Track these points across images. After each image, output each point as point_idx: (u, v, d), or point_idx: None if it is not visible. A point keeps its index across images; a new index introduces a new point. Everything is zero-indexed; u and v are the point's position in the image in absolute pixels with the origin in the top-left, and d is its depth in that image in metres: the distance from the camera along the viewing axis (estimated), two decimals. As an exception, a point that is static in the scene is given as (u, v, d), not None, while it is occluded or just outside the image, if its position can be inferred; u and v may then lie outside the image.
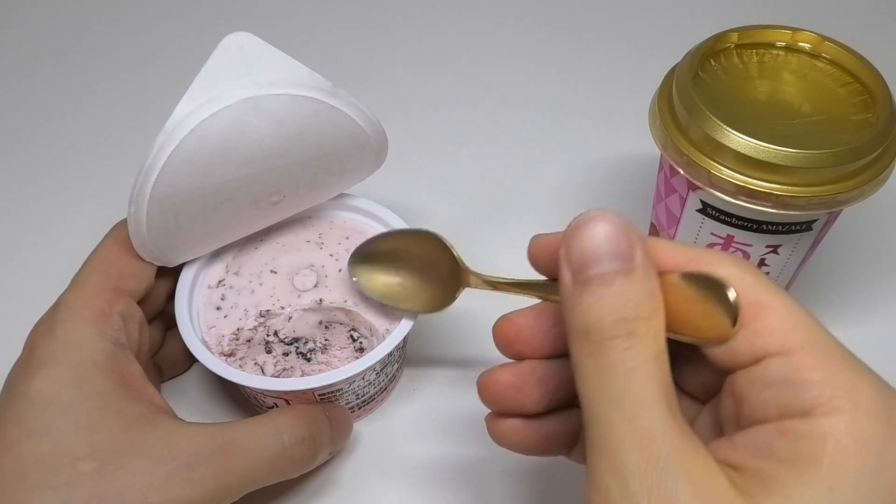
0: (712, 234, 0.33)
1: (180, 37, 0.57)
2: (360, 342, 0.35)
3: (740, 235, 0.32)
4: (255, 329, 0.34)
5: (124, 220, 0.33)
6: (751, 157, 0.29)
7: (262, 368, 0.33)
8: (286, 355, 0.34)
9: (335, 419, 0.32)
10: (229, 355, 0.33)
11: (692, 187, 0.32)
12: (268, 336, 0.34)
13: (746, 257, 0.33)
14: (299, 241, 0.36)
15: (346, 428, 0.34)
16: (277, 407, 0.34)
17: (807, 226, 0.32)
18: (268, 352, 0.34)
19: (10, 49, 0.56)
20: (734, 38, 0.33)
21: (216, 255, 0.35)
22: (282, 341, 0.34)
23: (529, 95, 0.54)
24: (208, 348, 0.32)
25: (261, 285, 0.35)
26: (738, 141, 0.29)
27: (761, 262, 0.33)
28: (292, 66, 0.30)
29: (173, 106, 0.29)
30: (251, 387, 0.31)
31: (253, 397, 0.34)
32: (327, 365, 0.35)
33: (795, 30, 0.33)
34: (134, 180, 0.29)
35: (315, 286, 0.34)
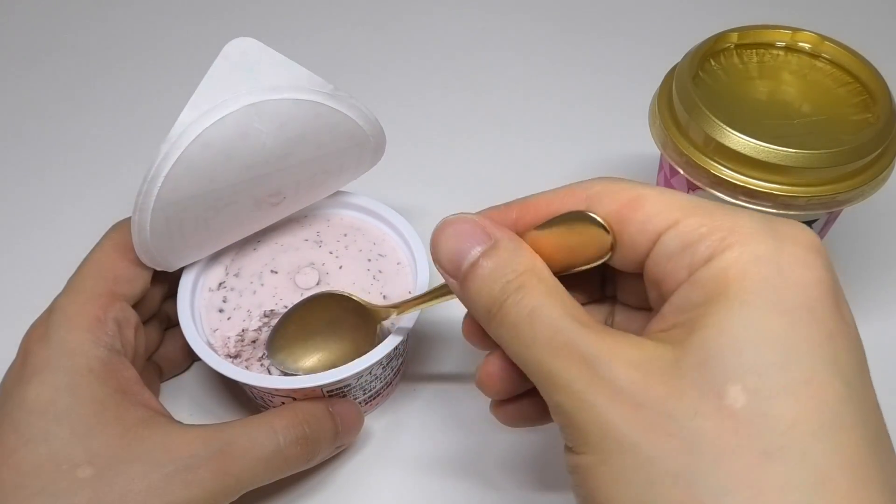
0: (712, 234, 0.33)
1: (182, 36, 0.57)
2: None
3: (740, 235, 0.32)
4: (259, 329, 0.34)
5: (121, 222, 0.33)
6: (751, 157, 0.29)
7: (269, 369, 0.33)
8: None
9: (342, 414, 0.33)
10: (235, 357, 0.33)
11: (692, 187, 0.32)
12: None
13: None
14: (297, 241, 0.36)
15: (355, 423, 0.34)
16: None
17: (807, 226, 0.32)
18: None
19: (11, 49, 0.56)
20: (734, 38, 0.33)
21: (214, 258, 0.35)
22: None
23: (529, 95, 0.54)
24: (214, 351, 0.32)
25: (262, 286, 0.35)
26: (738, 141, 0.29)
27: (761, 262, 0.33)
28: (293, 70, 0.30)
29: (174, 107, 0.29)
30: (260, 387, 0.31)
31: (260, 398, 0.34)
32: None
33: (795, 30, 0.33)
34: (138, 188, 0.29)
35: (318, 284, 0.35)
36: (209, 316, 0.34)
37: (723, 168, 0.29)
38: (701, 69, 0.32)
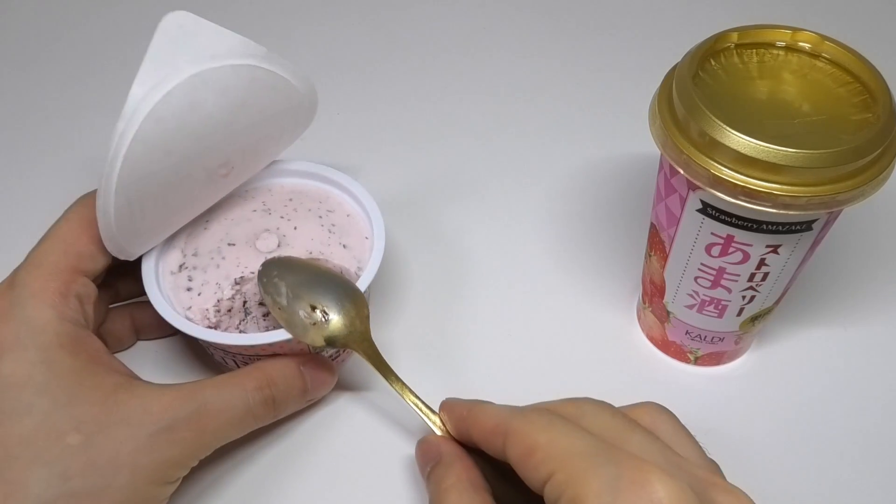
0: (712, 233, 0.33)
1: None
2: None
3: (740, 235, 0.32)
4: (233, 298, 0.35)
5: (85, 196, 0.34)
6: (751, 156, 0.29)
7: (246, 333, 0.35)
8: (265, 316, 0.35)
9: (313, 373, 0.35)
10: (215, 327, 0.34)
11: (692, 187, 0.32)
12: (245, 301, 0.35)
13: (747, 257, 0.33)
14: (247, 212, 0.38)
15: (325, 381, 0.36)
16: None
17: (807, 226, 0.32)
18: (247, 314, 0.35)
19: None
20: (734, 37, 0.33)
21: (168, 242, 0.37)
22: (259, 303, 0.35)
23: (529, 95, 0.54)
24: (195, 325, 0.34)
25: (224, 259, 0.36)
26: (738, 141, 0.29)
27: (761, 262, 0.33)
28: (228, 38, 0.32)
29: (125, 76, 0.29)
30: (238, 344, 0.33)
31: (243, 363, 0.36)
32: None
33: (795, 30, 0.33)
34: (102, 171, 0.30)
35: (279, 246, 0.36)
36: (178, 297, 0.35)
37: (723, 168, 0.29)
38: (701, 69, 0.32)
